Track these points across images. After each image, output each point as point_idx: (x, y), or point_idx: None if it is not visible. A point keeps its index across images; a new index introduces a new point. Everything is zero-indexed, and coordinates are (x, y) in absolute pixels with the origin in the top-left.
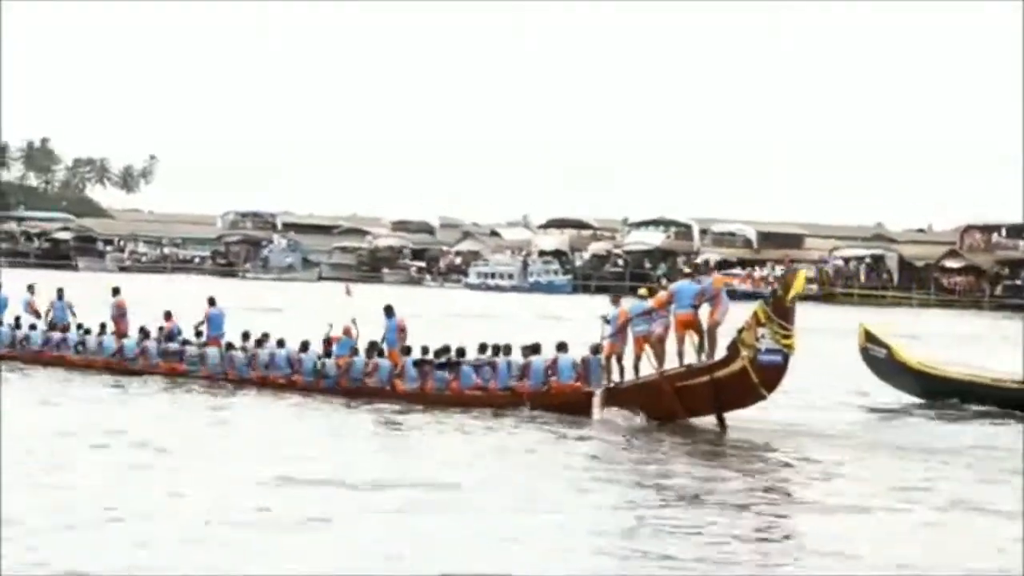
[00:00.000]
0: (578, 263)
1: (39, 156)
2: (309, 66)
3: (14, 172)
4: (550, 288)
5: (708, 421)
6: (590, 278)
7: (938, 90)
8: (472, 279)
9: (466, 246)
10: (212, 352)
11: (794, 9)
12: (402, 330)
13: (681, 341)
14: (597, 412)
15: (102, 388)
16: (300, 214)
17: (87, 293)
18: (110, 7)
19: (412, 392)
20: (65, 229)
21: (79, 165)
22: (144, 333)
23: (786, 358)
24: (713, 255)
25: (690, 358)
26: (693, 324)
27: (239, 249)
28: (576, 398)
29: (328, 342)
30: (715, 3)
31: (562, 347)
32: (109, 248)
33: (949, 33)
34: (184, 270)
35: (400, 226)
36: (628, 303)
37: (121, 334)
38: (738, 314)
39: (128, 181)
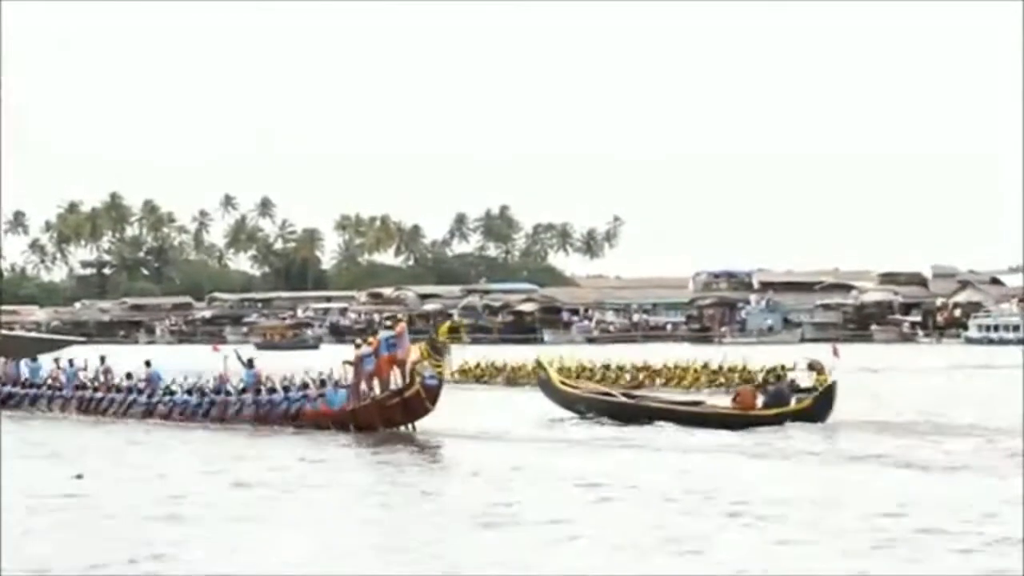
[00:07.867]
0: None
1: (498, 225)
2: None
3: (473, 243)
4: None
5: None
6: None
7: None
8: (972, 333)
9: (964, 297)
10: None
11: None
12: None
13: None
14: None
15: None
16: (777, 271)
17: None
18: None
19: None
20: (529, 300)
21: (539, 231)
22: None
23: (440, 381)
24: None
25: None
26: (395, 361)
27: (714, 312)
28: (341, 417)
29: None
30: None
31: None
32: (575, 318)
33: None
34: (656, 337)
35: (888, 278)
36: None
37: None
38: None
39: (592, 245)
